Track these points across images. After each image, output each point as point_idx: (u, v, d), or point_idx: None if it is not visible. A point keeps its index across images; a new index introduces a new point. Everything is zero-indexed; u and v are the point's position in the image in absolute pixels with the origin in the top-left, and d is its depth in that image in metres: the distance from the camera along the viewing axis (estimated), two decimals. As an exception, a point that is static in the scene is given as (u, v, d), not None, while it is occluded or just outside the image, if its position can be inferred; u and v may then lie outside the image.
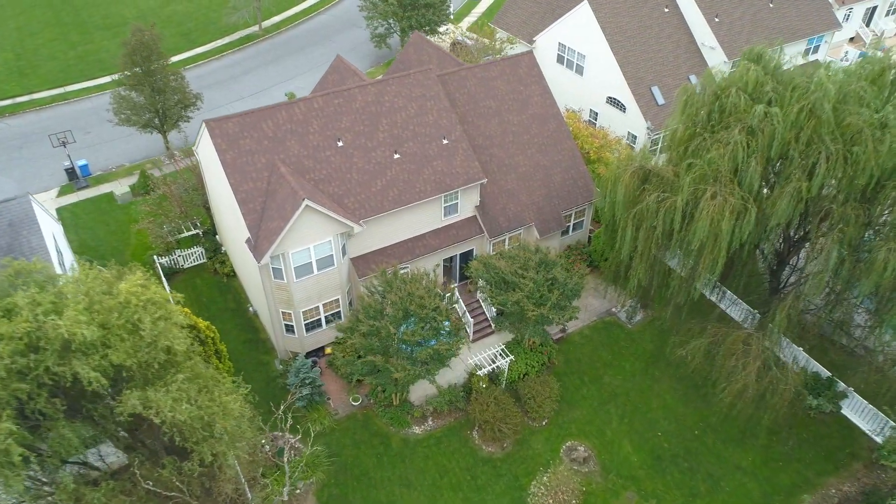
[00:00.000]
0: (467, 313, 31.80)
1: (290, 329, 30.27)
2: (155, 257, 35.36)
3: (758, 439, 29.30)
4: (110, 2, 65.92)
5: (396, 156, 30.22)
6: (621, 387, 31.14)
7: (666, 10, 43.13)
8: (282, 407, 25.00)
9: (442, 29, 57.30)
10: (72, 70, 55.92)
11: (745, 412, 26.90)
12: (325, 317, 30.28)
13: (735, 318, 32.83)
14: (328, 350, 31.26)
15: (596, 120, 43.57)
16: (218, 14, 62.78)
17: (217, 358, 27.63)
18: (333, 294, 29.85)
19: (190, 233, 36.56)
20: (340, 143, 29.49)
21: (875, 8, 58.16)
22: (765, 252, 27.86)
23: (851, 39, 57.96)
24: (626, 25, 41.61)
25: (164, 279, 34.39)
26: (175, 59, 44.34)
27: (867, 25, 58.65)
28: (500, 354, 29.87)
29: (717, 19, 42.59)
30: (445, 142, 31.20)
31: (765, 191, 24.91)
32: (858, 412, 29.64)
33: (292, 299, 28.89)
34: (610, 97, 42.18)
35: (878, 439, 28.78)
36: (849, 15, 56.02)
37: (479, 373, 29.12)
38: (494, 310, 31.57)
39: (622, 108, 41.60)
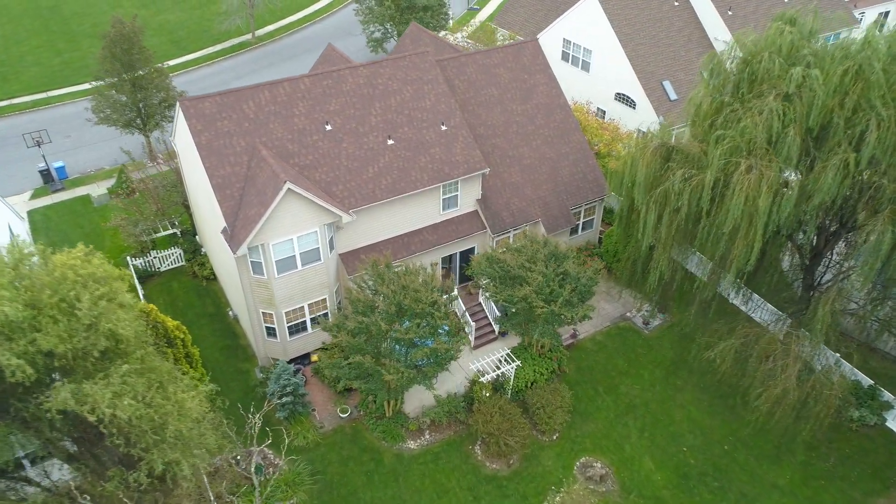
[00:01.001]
0: (467, 314, 28.79)
1: (271, 332, 27.26)
2: (128, 258, 32.51)
3: (795, 455, 26.08)
4: (100, 11, 64.32)
5: (390, 142, 27.59)
6: (640, 397, 28.01)
7: (676, 3, 41.02)
8: (257, 415, 21.79)
9: (440, 34, 55.32)
10: (56, 76, 53.95)
11: (782, 423, 23.79)
12: (311, 319, 27.30)
13: (761, 322, 29.78)
14: (314, 357, 28.22)
15: (604, 118, 41.11)
16: (210, 23, 61.05)
17: (188, 363, 24.60)
18: (320, 293, 26.93)
19: (167, 232, 33.76)
20: (329, 127, 26.89)
21: (888, 13, 56.26)
22: (801, 242, 24.94)
23: (865, 44, 55.88)
24: (636, 18, 39.45)
25: (137, 282, 31.47)
26: (164, 65, 42.23)
27: (879, 31, 56.66)
28: (506, 359, 26.80)
29: (730, 12, 40.44)
30: (444, 128, 28.61)
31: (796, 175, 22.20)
32: (907, 424, 26.51)
33: (273, 298, 25.95)
34: (619, 93, 39.78)
35: (932, 455, 25.62)
36: (861, 18, 54.04)
37: (481, 380, 26.03)
38: (498, 311, 28.56)
39: (632, 104, 39.17)
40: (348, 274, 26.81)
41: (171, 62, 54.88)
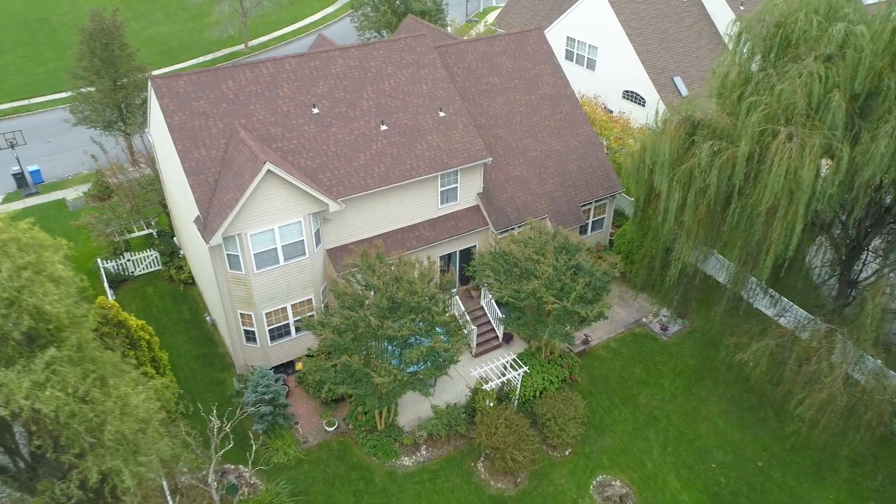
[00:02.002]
0: (467, 315, 26.06)
1: (251, 337, 24.53)
2: (99, 260, 29.89)
3: (838, 473, 23.16)
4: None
5: (383, 127, 25.23)
6: (661, 409, 25.16)
7: (685, -2, 39.19)
8: (219, 418, 18.92)
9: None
10: (40, 84, 52.12)
11: (828, 433, 20.90)
12: (296, 322, 24.60)
13: (787, 326, 27.03)
14: (299, 366, 25.43)
15: (611, 118, 38.91)
16: (202, 34, 59.45)
17: (154, 368, 21.83)
18: (305, 292, 24.27)
19: (142, 233, 31.18)
20: (316, 111, 24.54)
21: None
22: (845, 228, 22.32)
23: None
24: (643, 13, 37.54)
25: (107, 286, 28.80)
26: (148, 64, 40.26)
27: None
28: (511, 365, 24.02)
29: (741, 7, 38.53)
30: (442, 114, 26.28)
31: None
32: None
33: (253, 297, 23.29)
34: (627, 91, 37.66)
35: None
36: None
37: (484, 387, 23.21)
38: (501, 314, 25.84)
39: (641, 101, 37.01)
40: (337, 271, 24.19)
41: (160, 70, 53.05)
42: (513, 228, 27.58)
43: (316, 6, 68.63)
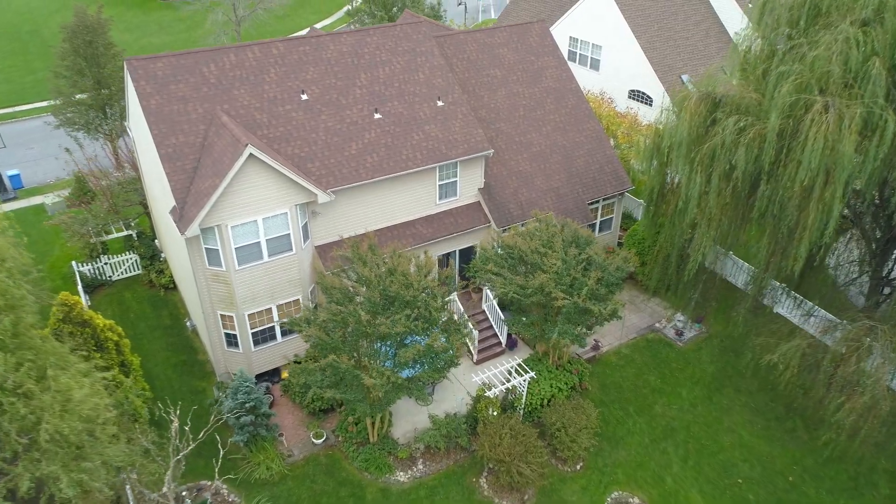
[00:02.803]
0: (465, 316, 24.08)
1: (232, 341, 22.54)
2: (74, 264, 27.98)
3: (878, 488, 21.02)
4: (81, 33, 61.43)
5: (377, 116, 23.54)
6: (679, 419, 23.09)
7: (691, -4, 37.88)
8: (201, 435, 16.86)
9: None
10: (27, 92, 50.74)
11: (869, 442, 18.88)
12: (281, 325, 22.61)
13: (812, 333, 25.04)
14: (285, 374, 23.38)
15: (617, 119, 37.33)
16: (196, 45, 58.14)
17: (123, 373, 19.79)
18: (291, 292, 22.34)
19: (121, 234, 29.30)
20: (305, 97, 22.86)
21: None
22: (877, 219, 20.52)
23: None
24: (649, 10, 36.21)
25: (81, 291, 26.85)
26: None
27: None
28: (517, 370, 21.98)
29: (750, 5, 37.18)
30: (440, 103, 24.62)
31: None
32: None
33: (234, 296, 21.35)
34: (633, 90, 36.16)
35: None
36: None
37: (487, 394, 21.15)
38: (503, 315, 23.86)
39: (648, 100, 35.49)
40: (326, 270, 22.28)
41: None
42: (516, 226, 25.76)
43: (312, 18, 67.73)
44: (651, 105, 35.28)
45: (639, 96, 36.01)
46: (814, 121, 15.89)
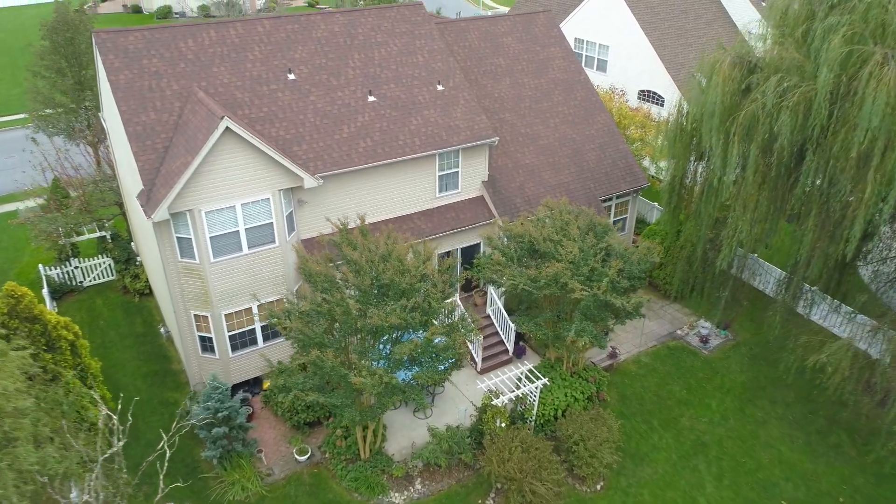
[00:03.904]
0: (466, 315, 21.66)
1: (207, 346, 20.11)
2: (41, 267, 25.66)
3: (941, 510, 18.43)
4: (73, 48, 60.19)
5: (371, 98, 21.51)
6: (710, 433, 20.54)
7: (702, -6, 36.36)
8: (160, 444, 14.30)
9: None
10: (12, 104, 49.15)
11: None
12: (262, 321, 20.21)
13: (839, 334, 22.55)
14: (266, 384, 20.89)
15: (626, 121, 35.45)
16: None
17: (80, 378, 17.31)
18: (274, 290, 19.99)
19: (93, 235, 27.03)
20: (292, 77, 20.86)
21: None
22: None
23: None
24: (658, 7, 34.64)
25: (48, 296, 24.46)
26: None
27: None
28: (527, 376, 19.51)
29: (763, 3, 35.63)
30: (440, 88, 22.64)
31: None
32: None
33: (209, 292, 19.00)
34: (643, 90, 34.35)
35: None
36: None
37: (494, 402, 18.63)
38: (506, 315, 21.44)
39: (659, 100, 33.65)
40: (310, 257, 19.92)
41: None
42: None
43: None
44: (662, 105, 33.42)
45: (649, 97, 34.18)
46: (872, 74, 13.84)
